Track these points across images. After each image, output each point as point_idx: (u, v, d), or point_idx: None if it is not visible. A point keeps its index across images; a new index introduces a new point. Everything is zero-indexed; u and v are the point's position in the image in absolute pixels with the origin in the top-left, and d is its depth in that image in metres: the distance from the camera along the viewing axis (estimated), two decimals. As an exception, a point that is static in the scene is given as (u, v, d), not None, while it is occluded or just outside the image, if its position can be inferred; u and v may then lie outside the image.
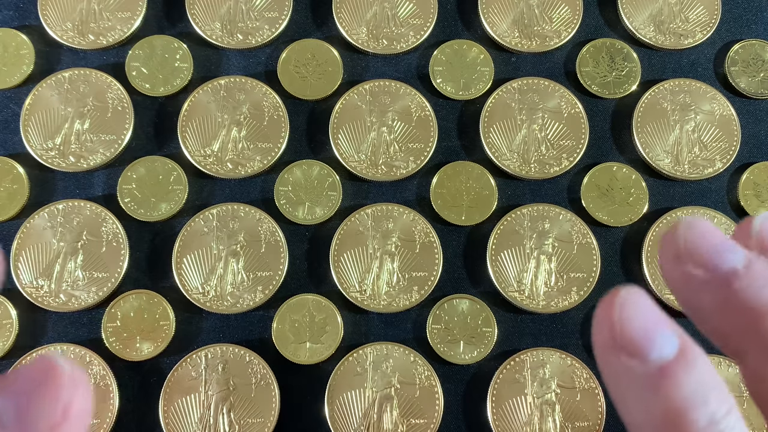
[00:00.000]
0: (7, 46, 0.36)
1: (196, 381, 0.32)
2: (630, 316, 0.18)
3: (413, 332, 0.34)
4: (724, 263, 0.19)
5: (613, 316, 0.18)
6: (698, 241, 0.19)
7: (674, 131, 0.36)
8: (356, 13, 0.37)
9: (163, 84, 0.36)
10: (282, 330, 0.33)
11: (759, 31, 0.38)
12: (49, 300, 0.33)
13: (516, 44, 0.37)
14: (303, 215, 0.35)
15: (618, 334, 0.18)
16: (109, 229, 0.34)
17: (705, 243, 0.19)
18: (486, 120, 0.36)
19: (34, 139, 0.35)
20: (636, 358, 0.18)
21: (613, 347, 0.18)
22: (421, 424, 0.32)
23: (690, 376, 0.18)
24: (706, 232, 0.19)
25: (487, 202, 0.35)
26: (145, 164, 0.35)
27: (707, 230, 0.19)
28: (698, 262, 0.19)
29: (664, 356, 0.18)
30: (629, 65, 0.37)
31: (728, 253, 0.19)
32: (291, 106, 0.36)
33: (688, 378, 0.18)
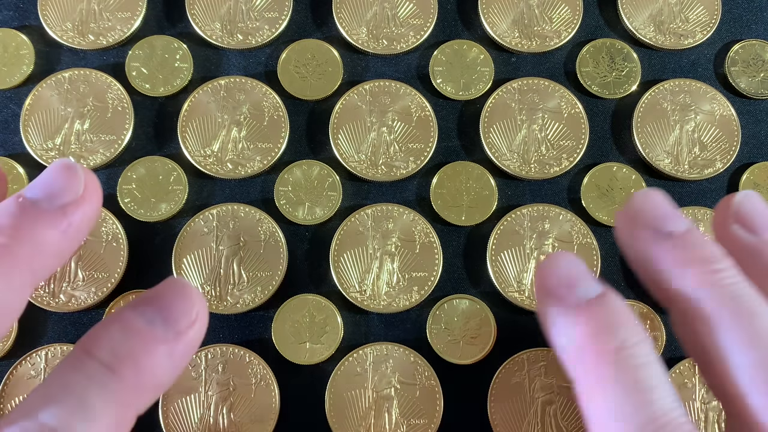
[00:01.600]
0: (7, 46, 0.36)
1: (196, 381, 0.32)
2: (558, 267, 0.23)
3: (413, 332, 0.34)
4: (666, 226, 0.23)
5: (545, 269, 0.23)
6: (649, 208, 0.24)
7: (674, 131, 0.36)
8: (356, 13, 0.37)
9: (163, 84, 0.36)
10: (282, 330, 0.33)
11: (759, 31, 0.38)
12: (49, 300, 0.33)
13: (516, 44, 0.37)
14: (303, 215, 0.35)
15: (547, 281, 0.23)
16: (109, 229, 0.34)
17: (654, 209, 0.24)
18: (486, 120, 0.36)
19: (34, 139, 0.35)
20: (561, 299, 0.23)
21: (546, 293, 0.23)
22: (421, 424, 0.32)
23: (605, 311, 0.22)
24: (657, 200, 0.24)
25: (487, 202, 0.35)
26: (145, 164, 0.35)
27: (657, 199, 0.24)
28: (645, 224, 0.24)
29: (586, 296, 0.22)
30: (629, 65, 0.37)
31: (671, 219, 0.24)
32: (291, 106, 0.36)
33: (603, 312, 0.22)
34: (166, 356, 0.21)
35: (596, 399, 0.21)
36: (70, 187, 0.23)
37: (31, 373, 0.32)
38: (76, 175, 0.23)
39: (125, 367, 0.21)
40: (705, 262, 0.23)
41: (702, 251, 0.23)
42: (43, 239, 0.22)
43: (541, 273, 0.24)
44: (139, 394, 0.21)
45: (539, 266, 0.24)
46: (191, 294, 0.22)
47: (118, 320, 0.21)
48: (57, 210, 0.22)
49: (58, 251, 0.23)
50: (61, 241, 0.22)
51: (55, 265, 0.23)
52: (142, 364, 0.21)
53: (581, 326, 0.22)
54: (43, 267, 0.22)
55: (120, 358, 0.21)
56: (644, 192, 0.24)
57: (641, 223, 0.24)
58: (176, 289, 0.22)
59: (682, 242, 0.23)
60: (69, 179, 0.23)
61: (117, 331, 0.21)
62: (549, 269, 0.23)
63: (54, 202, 0.22)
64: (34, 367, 0.32)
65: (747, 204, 0.25)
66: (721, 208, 0.25)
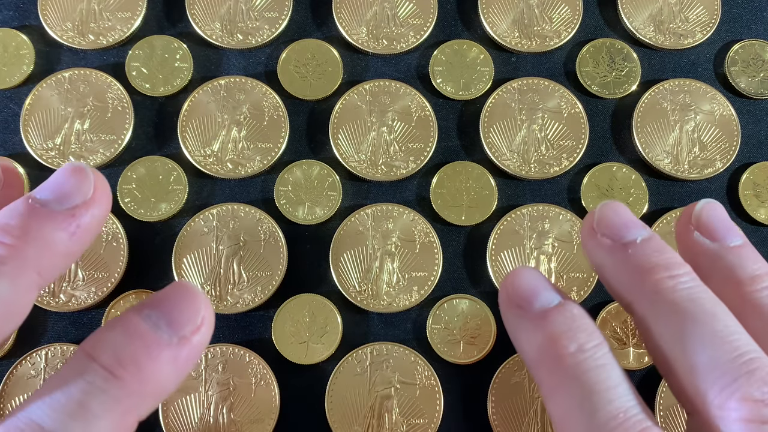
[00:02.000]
0: (7, 46, 0.36)
1: (196, 381, 0.32)
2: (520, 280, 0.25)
3: (413, 332, 0.34)
4: (627, 236, 0.25)
5: (508, 280, 0.25)
6: (610, 217, 0.25)
7: (674, 131, 0.36)
8: (356, 13, 0.37)
9: (163, 84, 0.36)
10: (282, 330, 0.33)
11: (759, 31, 0.38)
12: (49, 300, 0.33)
13: (516, 44, 0.37)
14: (303, 215, 0.35)
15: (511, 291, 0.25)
16: (110, 229, 0.34)
17: (615, 219, 0.25)
18: (486, 120, 0.36)
19: (34, 139, 0.35)
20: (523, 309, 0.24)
21: (509, 302, 0.25)
22: (422, 424, 0.32)
23: (564, 317, 0.23)
24: (617, 210, 0.25)
25: (487, 202, 0.35)
26: (145, 164, 0.35)
27: (618, 210, 0.25)
28: (608, 234, 0.25)
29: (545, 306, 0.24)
30: (629, 65, 0.37)
31: (631, 228, 0.25)
32: (291, 106, 0.36)
33: (562, 318, 0.23)
34: (170, 361, 0.21)
35: (557, 400, 0.23)
36: (80, 190, 0.23)
37: (31, 373, 0.32)
38: (86, 177, 0.23)
39: (127, 371, 0.20)
40: (662, 268, 0.24)
41: (659, 258, 0.24)
42: (51, 240, 0.22)
43: (505, 285, 0.25)
44: (141, 400, 0.21)
45: (503, 280, 0.25)
46: (197, 298, 0.22)
47: (122, 323, 0.21)
48: (66, 212, 0.22)
49: (66, 253, 0.23)
50: (69, 242, 0.22)
51: (63, 266, 0.23)
52: (145, 369, 0.21)
53: (541, 332, 0.23)
54: (50, 268, 0.22)
55: (122, 362, 0.21)
56: (606, 203, 0.26)
57: (601, 232, 0.25)
58: (182, 293, 0.22)
59: (641, 250, 0.24)
60: (79, 181, 0.23)
61: (120, 335, 0.21)
62: (512, 282, 0.25)
63: (63, 204, 0.22)
64: (34, 367, 0.32)
65: (708, 212, 0.26)
66: (684, 216, 0.27)
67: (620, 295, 0.25)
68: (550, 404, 0.23)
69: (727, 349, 0.22)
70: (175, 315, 0.22)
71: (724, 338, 0.22)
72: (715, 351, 0.22)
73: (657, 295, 0.23)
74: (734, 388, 0.21)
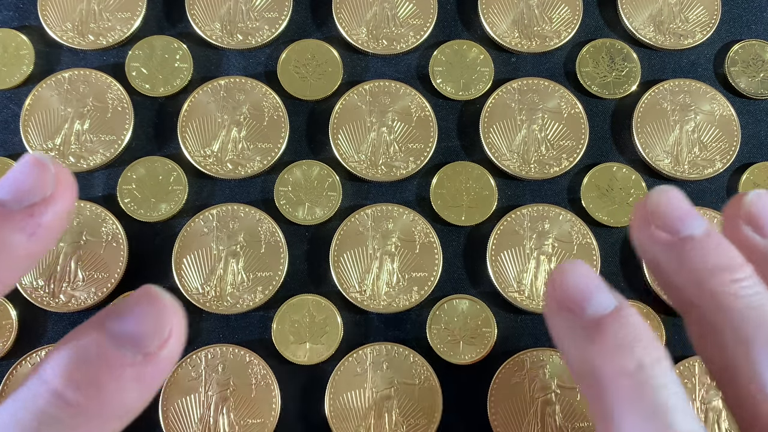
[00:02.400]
0: (7, 46, 0.36)
1: (196, 381, 0.32)
2: (571, 278, 0.22)
3: (413, 332, 0.34)
4: (685, 229, 0.22)
5: (557, 279, 0.22)
6: (665, 208, 0.22)
7: (674, 131, 0.36)
8: (356, 13, 0.37)
9: (163, 84, 0.36)
10: (282, 330, 0.33)
11: (759, 31, 0.38)
12: (49, 300, 0.33)
13: (516, 44, 0.37)
14: (303, 215, 0.35)
15: (559, 292, 0.22)
16: (109, 229, 0.34)
17: (671, 210, 0.22)
18: (486, 120, 0.36)
19: (34, 139, 0.35)
20: (573, 313, 0.21)
21: (557, 306, 0.22)
22: (421, 424, 0.32)
23: (621, 327, 0.21)
24: (674, 200, 0.23)
25: (487, 202, 0.35)
26: (145, 164, 0.35)
27: (675, 199, 0.23)
28: (662, 226, 0.22)
29: (599, 311, 0.21)
30: (629, 65, 0.37)
31: (690, 221, 0.22)
32: (291, 107, 0.36)
33: (619, 328, 0.21)
34: (135, 380, 0.19)
35: (611, 424, 0.20)
36: (40, 186, 0.20)
37: (31, 373, 0.32)
38: (46, 171, 0.21)
39: (85, 395, 0.18)
40: (724, 270, 0.22)
41: (721, 258, 0.22)
42: (8, 243, 0.20)
43: (553, 284, 0.22)
44: (102, 424, 0.19)
45: (550, 277, 0.22)
46: (164, 307, 0.20)
47: (79, 341, 0.19)
48: (24, 211, 0.20)
49: (26, 255, 0.20)
50: (29, 243, 0.20)
51: (24, 269, 0.21)
52: (106, 391, 0.19)
53: (596, 345, 0.21)
54: (9, 271, 0.21)
55: (79, 385, 0.18)
56: (660, 190, 0.23)
57: (657, 225, 0.22)
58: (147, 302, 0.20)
59: (700, 247, 0.22)
60: (39, 177, 0.21)
61: (76, 355, 0.19)
62: (561, 281, 0.22)
63: (21, 203, 0.20)
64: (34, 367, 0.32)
65: (758, 204, 0.23)
66: (732, 207, 0.24)
67: (676, 296, 0.23)
68: (601, 426, 0.21)
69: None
70: (139, 328, 0.19)
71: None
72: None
73: (719, 299, 0.21)
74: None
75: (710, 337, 0.22)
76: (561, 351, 0.22)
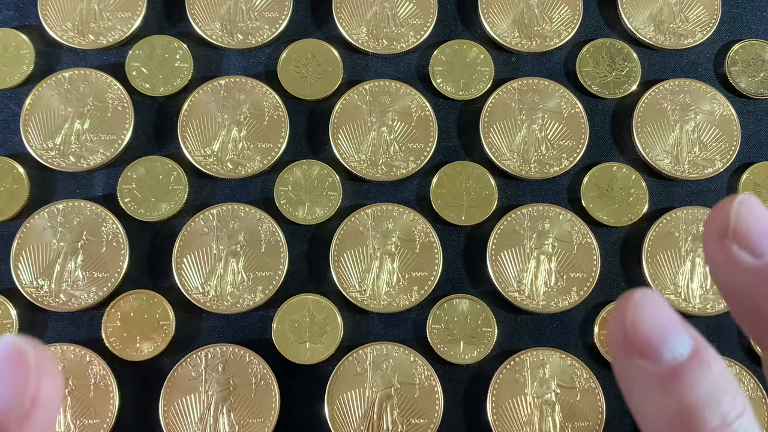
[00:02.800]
0: (7, 46, 0.36)
1: (196, 381, 0.32)
2: (643, 316, 0.18)
3: (413, 332, 0.34)
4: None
5: (626, 317, 0.18)
6: (752, 223, 0.18)
7: (674, 131, 0.36)
8: (356, 13, 0.37)
9: (163, 84, 0.36)
10: (282, 330, 0.33)
11: (759, 31, 0.38)
12: (49, 300, 0.33)
13: (516, 44, 0.37)
14: (303, 215, 0.35)
15: (630, 334, 0.18)
16: (109, 229, 0.34)
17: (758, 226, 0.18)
18: (486, 120, 0.36)
19: (34, 139, 0.35)
20: (648, 359, 0.18)
21: (626, 348, 0.18)
22: (421, 424, 0.32)
23: (703, 376, 0.18)
24: (759, 215, 0.18)
25: (487, 202, 0.35)
26: (145, 164, 0.35)
27: (761, 213, 0.18)
28: (746, 245, 0.18)
29: (677, 357, 0.18)
30: (629, 65, 0.37)
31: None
32: (291, 106, 0.36)
33: (701, 379, 0.18)
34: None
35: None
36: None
37: (31, 373, 0.32)
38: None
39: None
40: None
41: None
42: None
43: (621, 320, 0.18)
44: None
45: (616, 309, 0.18)
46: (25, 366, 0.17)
47: None
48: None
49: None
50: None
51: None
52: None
53: (674, 397, 0.18)
54: None
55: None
56: (744, 200, 0.18)
57: (739, 243, 0.18)
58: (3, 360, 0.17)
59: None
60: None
61: None
62: (632, 319, 0.18)
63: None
64: (34, 367, 0.32)
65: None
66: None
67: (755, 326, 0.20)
68: None
69: None
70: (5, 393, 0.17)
71: None
72: None
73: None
74: None
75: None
76: (628, 398, 0.19)
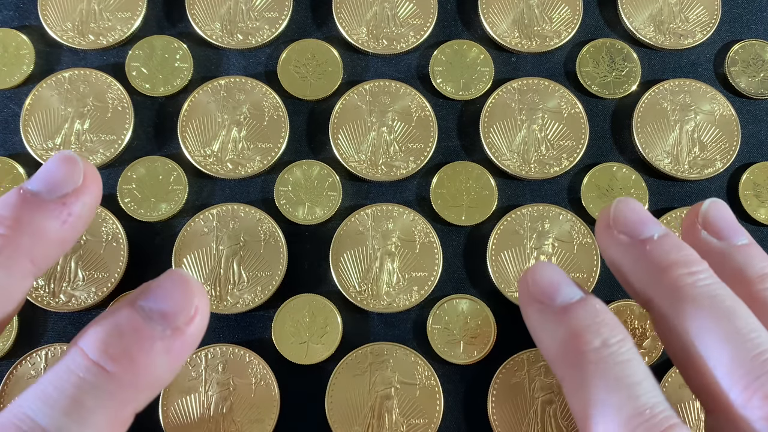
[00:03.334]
0: (7, 46, 0.36)
1: (196, 381, 0.32)
2: (540, 274, 0.25)
3: (413, 332, 0.34)
4: (644, 232, 0.25)
5: (528, 275, 0.25)
6: (627, 214, 0.25)
7: (674, 131, 0.36)
8: (356, 13, 0.37)
9: (163, 84, 0.36)
10: (282, 330, 0.33)
11: (759, 31, 0.38)
12: (49, 300, 0.33)
13: (516, 44, 0.37)
14: (303, 215, 0.35)
15: (531, 288, 0.25)
16: (109, 229, 0.34)
17: (631, 216, 0.25)
18: (486, 120, 0.36)
19: (34, 139, 0.35)
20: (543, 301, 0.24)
21: (529, 298, 0.25)
22: (421, 424, 0.32)
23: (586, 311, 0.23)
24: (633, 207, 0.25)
25: (487, 202, 0.35)
26: (145, 164, 0.35)
27: (634, 206, 0.25)
28: (623, 230, 0.25)
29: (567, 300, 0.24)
30: (629, 65, 0.37)
31: (648, 225, 0.25)
32: (291, 106, 0.36)
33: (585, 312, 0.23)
34: (164, 353, 0.21)
35: (581, 396, 0.22)
36: (70, 178, 0.23)
37: (31, 373, 0.32)
38: (75, 166, 0.23)
39: (120, 365, 0.20)
40: (682, 264, 0.24)
41: (678, 255, 0.24)
42: (43, 229, 0.22)
43: (525, 280, 0.25)
44: (136, 393, 0.21)
45: (523, 274, 0.25)
46: (191, 287, 0.22)
47: (114, 316, 0.21)
48: (57, 200, 0.23)
49: (58, 240, 0.23)
50: (61, 230, 0.23)
51: (57, 254, 0.23)
52: (138, 362, 0.21)
53: (564, 327, 0.23)
54: (43, 256, 0.23)
55: (114, 356, 0.20)
56: (621, 199, 0.26)
57: (618, 229, 0.25)
58: (175, 282, 0.22)
59: (658, 247, 0.24)
60: (69, 170, 0.23)
61: (112, 328, 0.21)
62: (532, 277, 0.25)
63: (54, 193, 0.23)
64: (34, 367, 0.32)
65: (714, 211, 0.26)
66: (690, 215, 0.27)
67: (638, 292, 0.25)
68: (573, 401, 0.23)
69: (748, 347, 0.22)
70: (168, 305, 0.22)
71: (745, 336, 0.22)
72: (737, 349, 0.22)
73: (676, 292, 0.23)
74: (757, 386, 0.21)
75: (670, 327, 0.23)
76: (535, 339, 0.25)
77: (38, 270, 0.23)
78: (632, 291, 0.25)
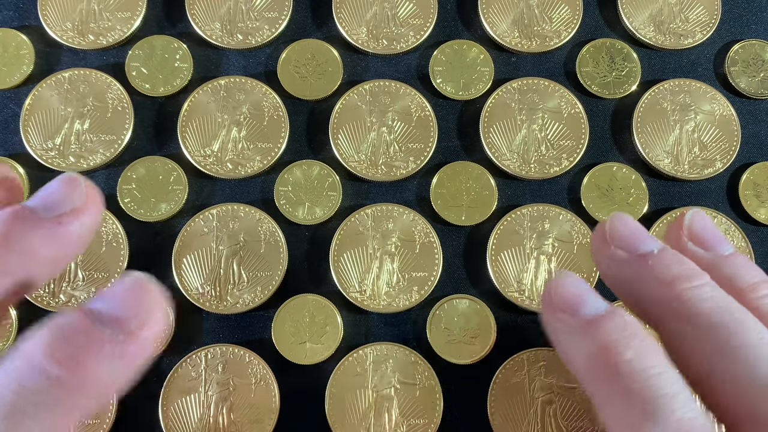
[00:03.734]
0: (7, 46, 0.36)
1: (196, 381, 0.32)
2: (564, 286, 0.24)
3: (413, 332, 0.34)
4: (643, 247, 0.24)
5: (551, 286, 0.24)
6: (623, 230, 0.25)
7: (674, 131, 0.36)
8: (356, 13, 0.37)
9: (163, 84, 0.36)
10: (282, 330, 0.33)
11: (759, 31, 0.38)
12: (49, 300, 0.33)
13: (516, 44, 0.37)
14: (303, 215, 0.35)
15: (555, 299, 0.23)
16: (109, 229, 0.34)
17: (628, 231, 0.25)
18: (486, 120, 0.36)
19: (34, 139, 0.35)
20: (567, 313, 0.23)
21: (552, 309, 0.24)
22: (421, 424, 0.32)
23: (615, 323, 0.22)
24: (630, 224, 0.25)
25: (487, 202, 0.35)
26: (145, 164, 0.35)
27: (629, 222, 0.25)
28: (621, 245, 0.25)
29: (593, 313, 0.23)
30: (629, 65, 0.37)
31: (646, 240, 0.25)
32: (291, 106, 0.36)
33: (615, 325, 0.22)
34: (115, 359, 0.20)
35: (615, 411, 0.21)
36: (69, 198, 0.23)
37: (31, 373, 0.32)
38: (77, 187, 0.23)
39: (66, 369, 0.19)
40: (685, 279, 0.23)
41: (680, 269, 0.24)
42: (34, 247, 0.22)
43: (548, 292, 0.24)
44: (83, 399, 0.20)
45: (547, 285, 0.24)
46: (146, 291, 0.21)
47: (64, 319, 0.20)
48: (53, 219, 0.22)
49: (50, 259, 0.22)
50: (55, 249, 0.22)
51: (48, 274, 0.23)
52: (86, 366, 0.20)
53: (592, 340, 0.22)
54: (35, 273, 0.22)
55: (60, 360, 0.19)
56: (615, 215, 0.25)
57: (616, 245, 0.25)
58: (128, 286, 0.21)
59: (659, 261, 0.24)
60: (69, 190, 0.23)
61: (58, 331, 0.20)
62: (556, 288, 0.24)
63: (51, 211, 0.22)
64: (34, 367, 0.32)
65: (697, 222, 0.26)
66: (674, 228, 0.27)
67: (642, 308, 0.24)
68: (607, 415, 0.22)
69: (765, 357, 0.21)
70: (120, 309, 0.21)
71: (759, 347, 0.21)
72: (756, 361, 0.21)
73: (682, 307, 0.23)
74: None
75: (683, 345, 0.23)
76: (560, 351, 0.24)
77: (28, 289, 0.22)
78: (636, 308, 0.25)
